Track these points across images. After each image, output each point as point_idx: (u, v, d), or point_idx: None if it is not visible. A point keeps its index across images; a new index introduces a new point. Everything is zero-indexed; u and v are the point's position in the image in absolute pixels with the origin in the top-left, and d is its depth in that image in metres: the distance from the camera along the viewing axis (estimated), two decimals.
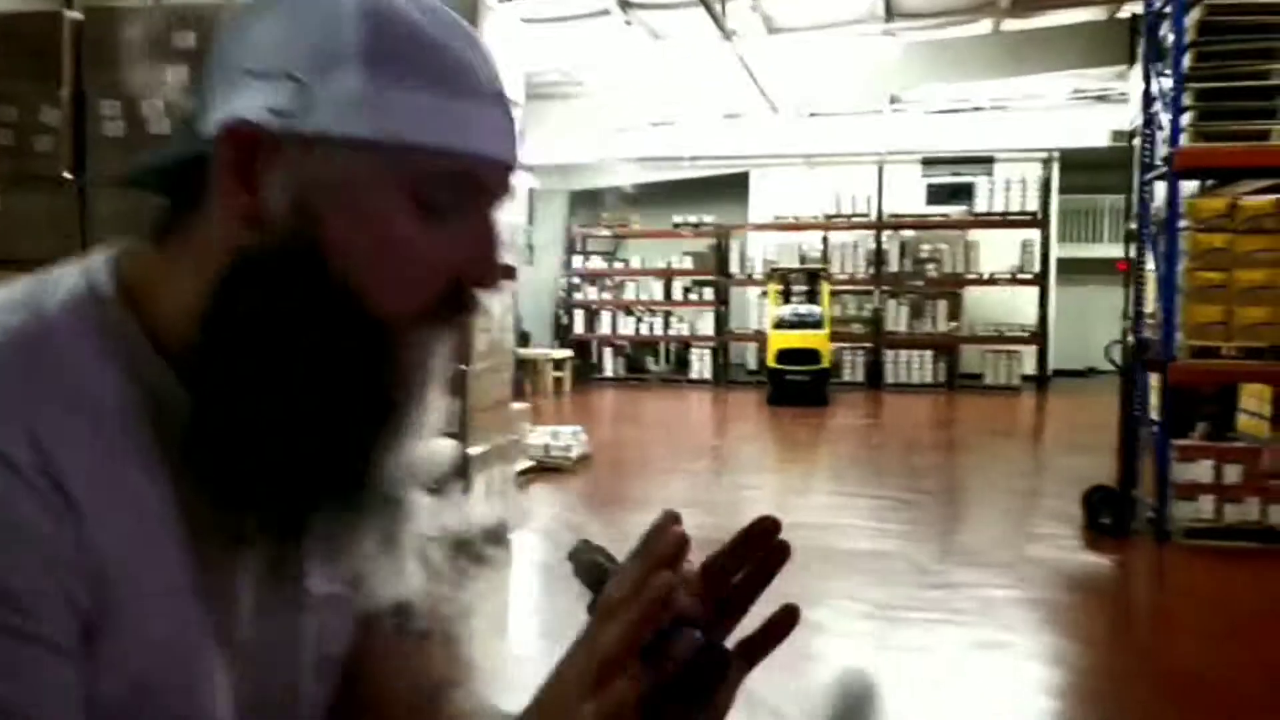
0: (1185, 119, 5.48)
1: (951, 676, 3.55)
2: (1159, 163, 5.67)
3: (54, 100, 5.07)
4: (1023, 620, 4.19)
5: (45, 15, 5.17)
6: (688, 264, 15.82)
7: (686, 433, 10.55)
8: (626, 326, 16.03)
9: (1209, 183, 6.40)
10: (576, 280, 16.67)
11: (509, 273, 0.68)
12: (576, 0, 9.50)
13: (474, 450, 4.78)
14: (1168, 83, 5.60)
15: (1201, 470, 5.36)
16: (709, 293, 15.64)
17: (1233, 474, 5.34)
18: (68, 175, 5.10)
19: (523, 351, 13.67)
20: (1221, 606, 4.56)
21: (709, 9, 8.90)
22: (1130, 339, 5.92)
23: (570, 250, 17.01)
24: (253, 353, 0.62)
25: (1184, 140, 5.45)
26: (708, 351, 15.56)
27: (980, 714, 3.29)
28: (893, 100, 14.39)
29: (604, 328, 16.19)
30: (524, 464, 6.84)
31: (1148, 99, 5.94)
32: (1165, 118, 5.58)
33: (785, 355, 12.26)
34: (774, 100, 11.74)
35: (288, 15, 0.62)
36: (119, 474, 0.61)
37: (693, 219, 15.67)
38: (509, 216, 0.69)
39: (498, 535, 4.94)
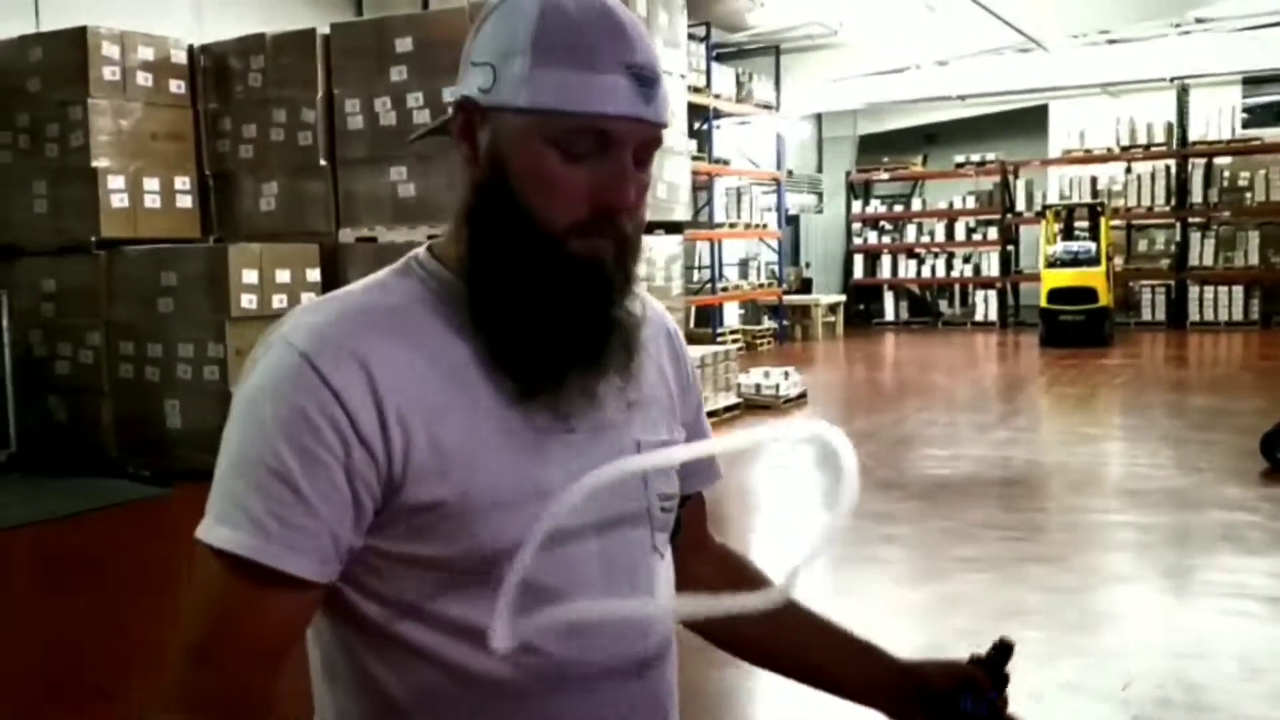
0: None
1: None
2: None
3: (312, 103, 6.24)
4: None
5: (303, 33, 6.32)
6: (971, 204, 15.51)
7: (924, 374, 10.41)
8: (908, 270, 15.96)
9: None
10: (857, 225, 16.73)
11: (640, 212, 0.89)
12: None
13: None
14: None
15: None
16: (993, 232, 15.28)
17: None
18: (324, 162, 6.28)
19: (791, 299, 14.13)
20: None
21: None
22: None
23: (851, 195, 17.10)
24: (483, 250, 0.88)
25: None
26: (994, 293, 15.24)
27: None
28: (1197, 21, 13.35)
29: (884, 271, 16.23)
30: (732, 400, 7.53)
31: None
32: None
33: (1058, 294, 11.85)
34: (1034, 34, 11.37)
35: (498, 19, 0.87)
36: (425, 367, 0.86)
37: (975, 157, 15.33)
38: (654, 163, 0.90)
39: None
